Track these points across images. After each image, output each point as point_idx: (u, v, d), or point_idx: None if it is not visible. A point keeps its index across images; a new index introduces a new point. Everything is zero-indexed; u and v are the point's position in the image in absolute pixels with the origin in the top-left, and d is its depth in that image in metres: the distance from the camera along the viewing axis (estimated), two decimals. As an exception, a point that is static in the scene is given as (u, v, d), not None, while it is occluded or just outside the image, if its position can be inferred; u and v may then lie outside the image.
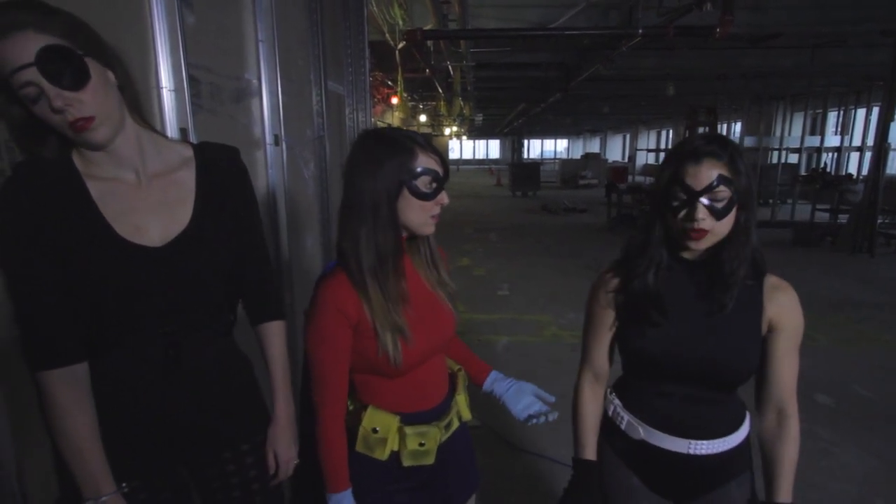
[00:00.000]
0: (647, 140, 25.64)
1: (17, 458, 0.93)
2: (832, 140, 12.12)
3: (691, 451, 1.06)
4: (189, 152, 0.98)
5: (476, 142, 39.16)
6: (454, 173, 26.31)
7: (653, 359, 1.06)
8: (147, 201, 0.91)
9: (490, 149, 39.92)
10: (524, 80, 10.30)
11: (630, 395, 1.14)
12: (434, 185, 0.98)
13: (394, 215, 0.96)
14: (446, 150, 20.84)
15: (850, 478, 2.41)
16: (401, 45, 5.12)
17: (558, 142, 39.12)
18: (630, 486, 1.14)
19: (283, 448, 1.10)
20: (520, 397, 1.20)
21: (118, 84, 0.86)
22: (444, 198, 1.00)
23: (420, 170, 0.96)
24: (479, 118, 18.72)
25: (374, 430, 1.02)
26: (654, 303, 1.05)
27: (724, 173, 0.95)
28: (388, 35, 4.91)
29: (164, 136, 1.03)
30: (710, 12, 4.45)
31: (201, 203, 0.95)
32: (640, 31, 4.92)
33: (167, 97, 1.22)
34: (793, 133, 11.95)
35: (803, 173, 11.49)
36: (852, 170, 11.42)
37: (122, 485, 0.90)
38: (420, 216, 0.98)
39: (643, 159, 23.54)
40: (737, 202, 0.96)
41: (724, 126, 15.75)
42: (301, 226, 2.18)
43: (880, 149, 7.04)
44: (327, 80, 2.41)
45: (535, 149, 38.48)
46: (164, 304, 0.91)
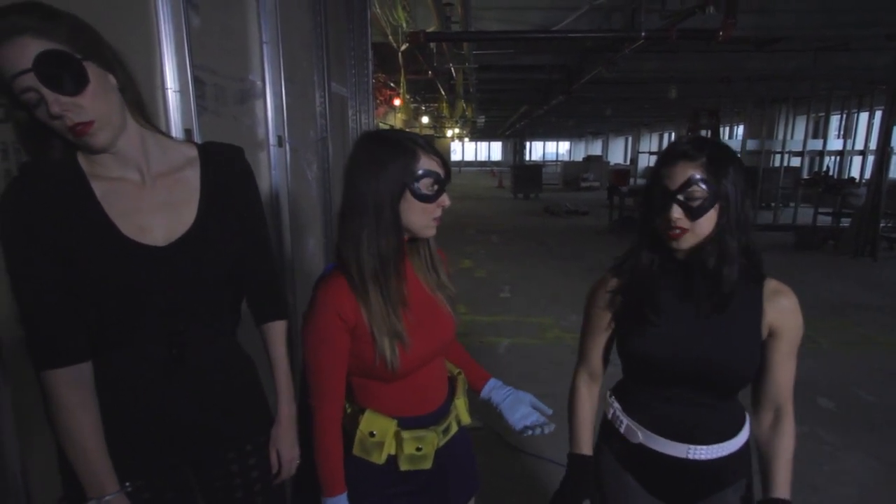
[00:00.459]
0: (649, 143, 25.62)
1: (21, 456, 0.93)
2: (835, 144, 12.09)
3: (690, 456, 1.05)
4: (193, 152, 0.99)
5: (478, 144, 39.17)
6: (456, 175, 26.29)
7: (648, 359, 1.06)
8: (151, 201, 0.91)
9: (492, 151, 39.93)
10: (526, 82, 10.31)
11: (629, 398, 1.14)
12: (436, 187, 0.97)
13: (396, 218, 0.96)
14: (448, 151, 20.84)
15: (851, 481, 2.41)
16: (404, 47, 5.13)
17: (560, 144, 39.12)
18: (628, 488, 1.14)
19: (285, 448, 1.10)
20: (517, 407, 1.18)
21: (119, 87, 0.86)
22: (445, 200, 1.00)
23: (422, 172, 0.95)
24: (481, 120, 18.75)
25: (371, 434, 1.01)
26: (649, 302, 1.05)
27: (699, 174, 0.96)
28: (391, 37, 4.92)
29: (169, 136, 1.04)
30: (712, 15, 4.45)
31: (206, 202, 0.96)
32: (642, 34, 4.92)
33: (172, 98, 1.23)
34: (795, 136, 11.94)
35: (806, 177, 11.47)
36: (855, 173, 11.39)
37: (126, 484, 0.90)
38: (422, 218, 0.98)
39: (645, 162, 23.52)
40: (714, 202, 0.96)
41: (727, 129, 15.73)
42: (304, 227, 2.18)
43: (883, 152, 7.03)
44: (331, 82, 2.42)
45: (536, 151, 38.48)
46: (168, 303, 0.91)
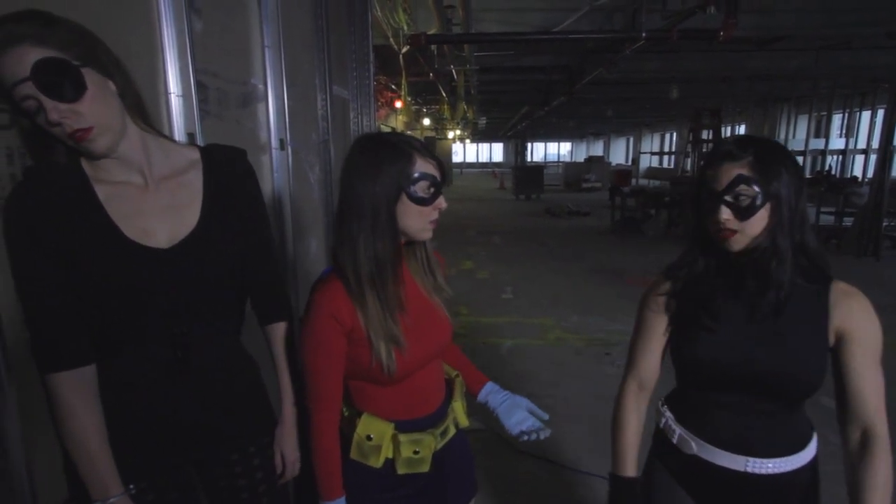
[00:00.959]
0: (650, 143, 25.60)
1: (27, 457, 0.94)
2: (837, 143, 12.07)
3: (749, 470, 0.99)
4: (196, 155, 0.99)
5: (479, 145, 39.20)
6: (457, 177, 26.33)
7: (703, 365, 1.01)
8: (155, 204, 0.92)
9: (493, 152, 39.95)
10: (527, 83, 10.32)
11: (683, 406, 1.09)
12: (432, 189, 0.97)
13: (393, 221, 0.96)
14: (450, 153, 20.86)
15: (856, 482, 2.40)
16: (405, 50, 5.14)
17: (562, 145, 39.12)
18: (680, 503, 1.08)
19: (289, 448, 1.11)
20: (513, 412, 1.17)
21: (118, 91, 0.86)
22: (441, 202, 1.00)
23: (418, 175, 0.95)
24: (482, 121, 18.75)
25: (368, 438, 1.01)
26: (705, 306, 1.01)
27: (745, 173, 0.93)
28: (392, 39, 4.93)
29: (171, 139, 1.04)
30: (713, 15, 4.45)
31: (209, 204, 0.96)
32: (643, 34, 4.91)
33: (175, 102, 1.24)
34: (797, 135, 11.92)
35: (808, 176, 11.45)
36: (857, 172, 11.37)
37: (130, 486, 0.90)
38: (418, 221, 0.98)
39: (647, 162, 23.52)
40: (765, 201, 0.93)
41: (729, 128, 15.72)
42: (306, 229, 2.19)
43: (885, 151, 7.01)
44: (332, 85, 2.43)
45: (538, 152, 38.49)
46: (171, 305, 0.92)
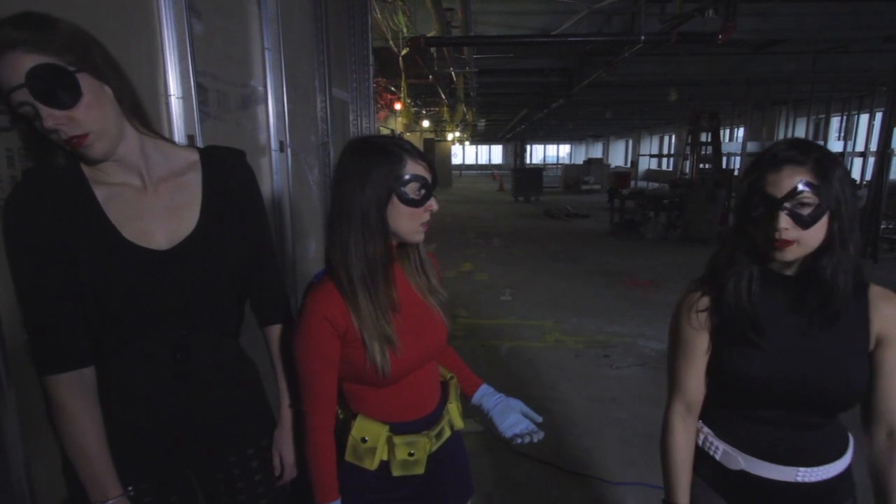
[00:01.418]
0: (649, 145, 25.65)
1: (26, 459, 0.94)
2: (835, 145, 12.09)
3: (799, 480, 0.99)
4: (195, 156, 0.99)
5: (479, 147, 39.22)
6: (457, 178, 26.34)
7: (753, 383, 0.98)
8: (154, 206, 0.92)
9: (493, 154, 39.98)
10: (527, 85, 10.34)
11: (722, 422, 1.06)
12: (423, 191, 0.97)
13: (383, 223, 0.96)
14: (449, 155, 20.87)
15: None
16: (404, 52, 5.15)
17: (561, 147, 39.16)
18: None
19: (288, 450, 1.11)
20: (506, 414, 1.17)
21: (115, 95, 0.85)
22: (433, 204, 1.00)
23: (409, 177, 0.95)
24: (481, 123, 18.77)
25: (363, 440, 1.01)
26: (751, 321, 0.97)
27: (809, 179, 0.88)
28: (391, 42, 4.94)
29: (170, 141, 1.04)
30: (712, 19, 4.47)
31: (208, 206, 0.96)
32: (642, 37, 4.94)
33: (175, 104, 1.24)
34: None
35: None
36: (855, 175, 11.39)
37: (129, 488, 0.91)
38: (409, 223, 0.98)
39: (646, 164, 23.55)
40: (827, 209, 0.89)
41: (728, 131, 15.75)
42: (305, 231, 2.19)
43: (883, 154, 7.03)
44: (332, 87, 2.43)
45: (537, 154, 38.53)
46: (171, 307, 0.92)
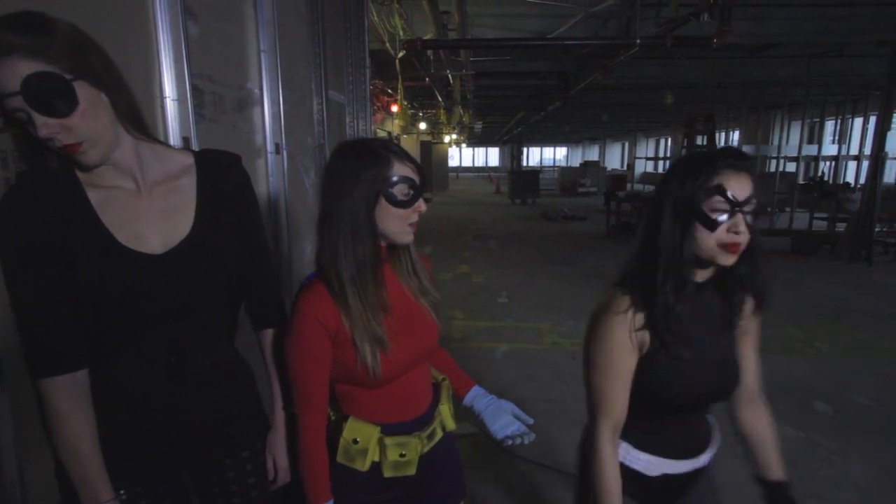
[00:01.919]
0: (646, 148, 25.74)
1: (19, 463, 0.94)
2: (830, 149, 12.17)
3: (700, 464, 1.10)
4: (190, 160, 0.99)
5: (475, 149, 39.28)
6: (454, 181, 26.37)
7: (684, 393, 1.00)
8: (148, 209, 0.91)
9: (489, 156, 40.04)
10: (523, 88, 10.37)
11: (642, 432, 1.06)
12: (411, 192, 0.98)
13: (371, 224, 0.97)
14: (446, 157, 20.88)
15: (851, 487, 2.41)
16: (401, 54, 5.16)
17: (557, 149, 39.26)
18: None
19: (281, 454, 1.10)
20: (497, 416, 1.17)
21: (111, 102, 0.84)
22: (421, 205, 1.01)
23: (396, 178, 0.96)
24: (478, 126, 18.79)
25: (354, 441, 1.02)
26: (682, 336, 0.97)
27: (754, 185, 0.94)
28: (388, 44, 4.95)
29: (165, 144, 1.04)
30: (707, 23, 4.49)
31: (202, 210, 0.96)
32: (637, 41, 4.96)
33: (170, 107, 1.24)
34: (790, 142, 12.00)
35: (801, 182, 11.52)
36: (850, 178, 11.45)
37: (121, 492, 0.90)
38: (397, 224, 0.99)
39: (642, 167, 23.62)
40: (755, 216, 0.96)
41: (723, 135, 15.81)
42: (301, 233, 2.19)
43: (877, 157, 7.07)
44: (328, 89, 2.43)
45: (534, 156, 38.61)
46: (167, 310, 0.92)
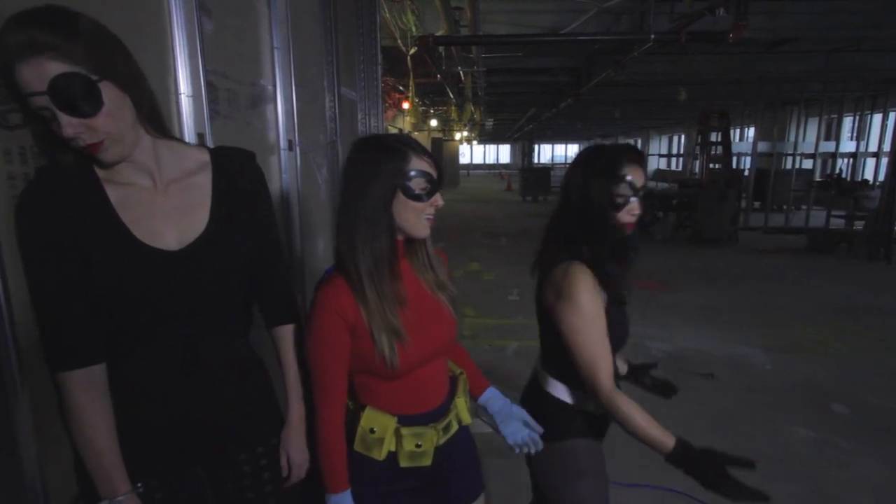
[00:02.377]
0: (658, 145, 25.50)
1: (38, 456, 0.95)
2: (848, 145, 11.96)
3: None
4: (206, 157, 0.99)
5: (486, 146, 39.19)
6: (464, 178, 26.33)
7: (621, 336, 1.28)
8: (164, 206, 0.92)
9: (500, 153, 39.92)
10: (535, 85, 10.31)
11: (577, 380, 1.22)
12: (428, 186, 0.99)
13: (389, 218, 0.98)
14: (457, 154, 20.85)
15: (867, 488, 2.37)
16: (412, 51, 5.15)
17: (569, 146, 39.01)
18: (601, 453, 1.33)
19: (295, 451, 1.11)
20: (508, 422, 1.19)
21: (134, 103, 0.85)
22: (438, 199, 1.02)
23: (413, 172, 0.98)
24: (489, 123, 18.75)
25: (371, 431, 1.03)
26: (623, 290, 1.26)
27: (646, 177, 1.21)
28: (399, 41, 4.95)
29: (181, 141, 1.05)
30: (723, 17, 4.43)
31: (217, 206, 0.97)
32: (651, 36, 4.90)
33: (185, 103, 1.25)
34: (807, 138, 11.83)
35: (818, 179, 11.36)
36: (868, 175, 11.26)
37: (138, 485, 0.91)
38: (414, 218, 1.00)
39: (655, 164, 23.40)
40: None
41: (738, 131, 15.61)
42: (313, 229, 2.19)
43: (897, 154, 6.94)
44: (340, 86, 2.44)
45: (545, 154, 38.42)
46: (181, 306, 0.92)
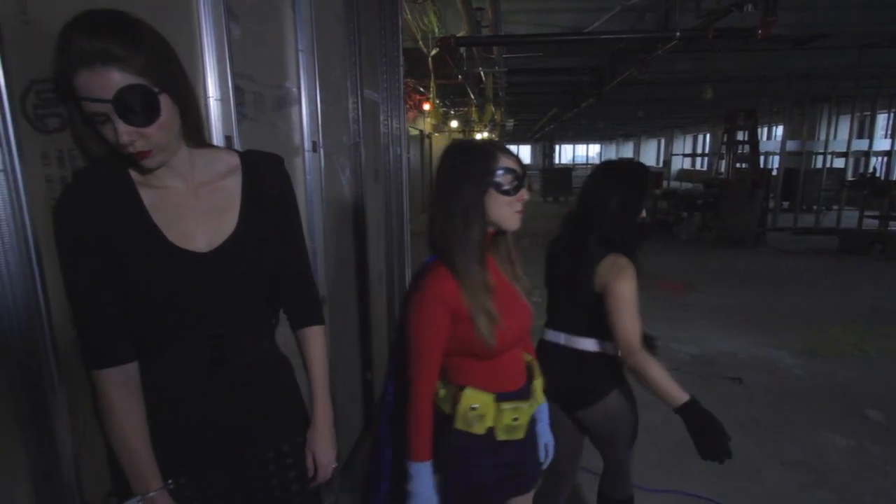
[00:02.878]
0: (683, 144, 25.06)
1: (74, 452, 0.97)
2: (882, 143, 11.58)
3: None
4: (236, 160, 1.01)
5: (507, 147, 38.99)
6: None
7: None
8: (195, 209, 0.94)
9: (521, 154, 39.71)
10: (556, 84, 10.23)
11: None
12: (515, 182, 1.12)
13: (482, 212, 1.11)
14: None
15: (904, 499, 2.29)
16: (434, 52, 5.15)
17: (590, 147, 38.62)
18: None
19: (321, 452, 1.12)
20: (541, 418, 1.36)
21: (181, 113, 0.88)
22: (524, 194, 1.15)
23: (503, 170, 1.11)
24: (510, 124, 18.66)
25: (472, 408, 1.13)
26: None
27: None
28: (420, 42, 4.95)
29: (212, 145, 1.06)
30: (751, 13, 4.32)
31: (246, 210, 0.98)
32: (677, 33, 4.81)
33: (213, 106, 1.26)
34: (839, 136, 11.48)
35: (851, 178, 11.01)
36: (903, 174, 10.87)
37: (168, 482, 0.93)
38: (505, 211, 1.13)
39: (679, 164, 23.02)
40: None
41: (765, 129, 15.24)
42: (337, 230, 2.21)
43: (935, 152, 6.69)
44: (363, 88, 2.45)
45: (566, 154, 38.08)
46: (208, 307, 0.94)
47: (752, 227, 8.25)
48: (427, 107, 8.34)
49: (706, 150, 21.99)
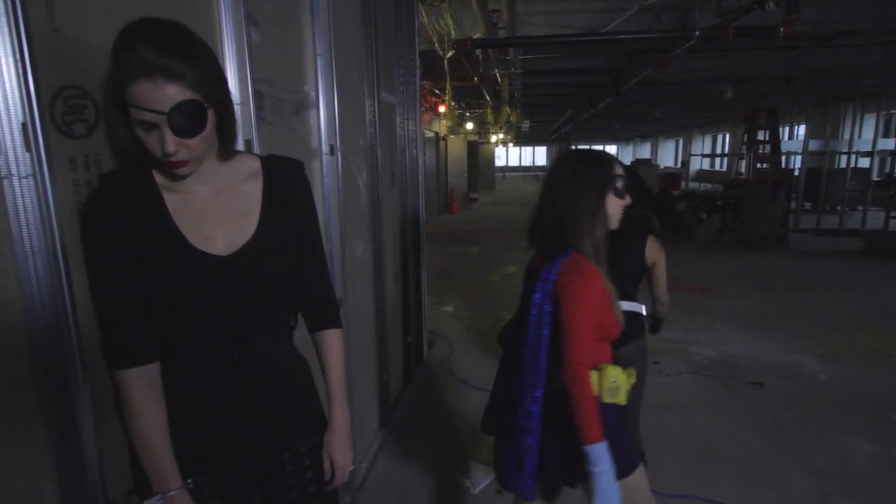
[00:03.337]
0: (701, 145, 24.70)
1: (98, 450, 0.99)
2: (909, 143, 11.27)
3: None
4: (257, 165, 1.02)
5: (522, 148, 38.90)
6: (500, 181, 26.20)
7: None
8: (216, 212, 0.95)
9: (536, 155, 39.55)
10: (572, 85, 10.16)
11: None
12: (624, 187, 1.30)
13: (604, 211, 1.28)
14: (492, 157, 20.74)
15: (934, 509, 2.22)
16: (449, 54, 5.15)
17: (607, 148, 38.32)
18: None
19: (338, 454, 1.12)
20: None
21: (219, 128, 0.91)
22: (628, 198, 1.32)
23: (618, 175, 1.29)
24: (525, 125, 18.58)
25: (613, 381, 1.28)
26: None
27: None
28: (437, 44, 4.96)
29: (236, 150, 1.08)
30: (772, 11, 4.24)
31: (266, 214, 0.99)
32: (696, 33, 4.74)
33: (234, 111, 1.28)
34: (863, 136, 11.20)
35: (876, 178, 10.74)
36: (931, 174, 10.57)
37: (188, 481, 0.94)
38: (616, 211, 1.31)
39: (698, 164, 22.70)
40: None
41: (787, 129, 14.95)
42: (353, 233, 2.22)
43: (965, 151, 6.49)
44: (380, 91, 2.46)
45: (582, 155, 37.77)
46: (228, 310, 0.95)
47: (773, 229, 8.09)
48: (443, 109, 8.34)
49: (725, 151, 21.64)
